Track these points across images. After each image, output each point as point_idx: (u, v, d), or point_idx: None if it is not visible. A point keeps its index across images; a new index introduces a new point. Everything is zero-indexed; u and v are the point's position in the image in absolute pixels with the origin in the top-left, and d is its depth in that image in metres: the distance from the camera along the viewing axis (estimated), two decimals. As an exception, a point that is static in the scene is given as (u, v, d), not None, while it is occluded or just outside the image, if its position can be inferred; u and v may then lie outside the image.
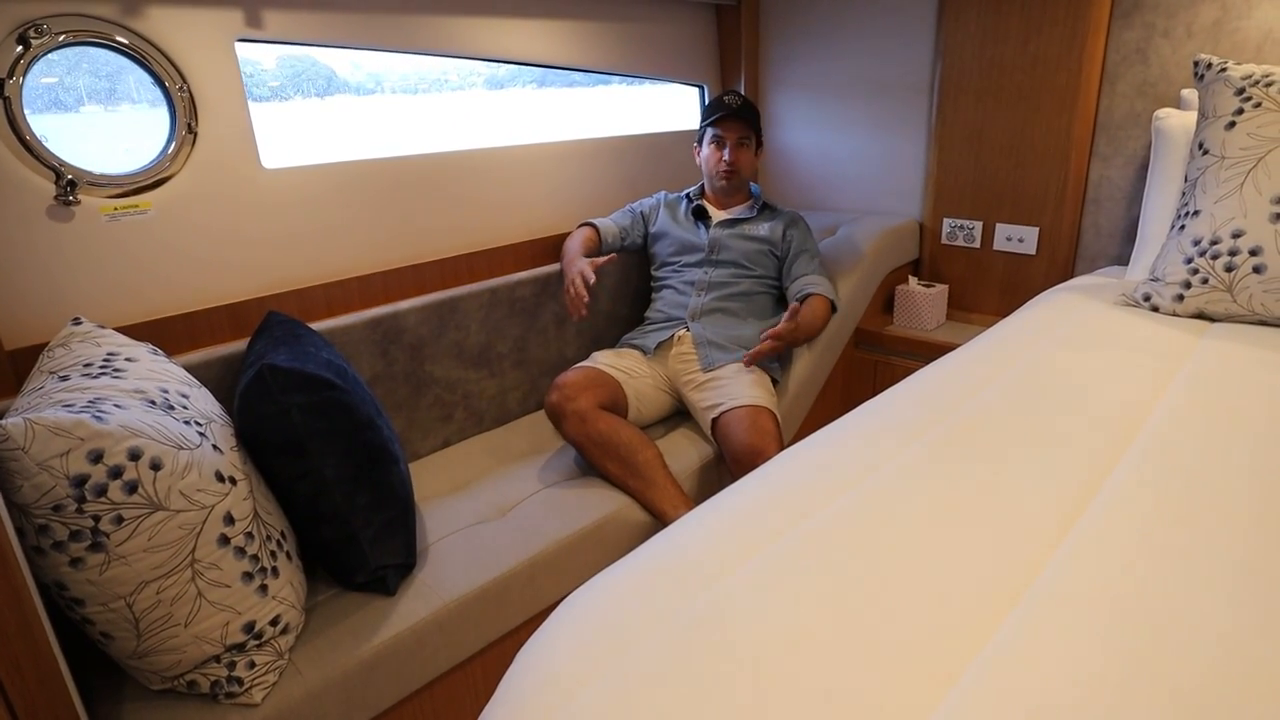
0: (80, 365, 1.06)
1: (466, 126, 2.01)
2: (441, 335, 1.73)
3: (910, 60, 2.26)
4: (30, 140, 1.28)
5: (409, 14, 1.75)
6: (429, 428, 1.76)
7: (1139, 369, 1.26)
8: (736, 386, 1.69)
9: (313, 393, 1.13)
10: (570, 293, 1.72)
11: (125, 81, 1.43)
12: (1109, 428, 1.06)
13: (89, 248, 1.37)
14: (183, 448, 0.96)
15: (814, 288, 1.87)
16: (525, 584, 1.32)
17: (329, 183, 1.66)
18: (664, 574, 0.82)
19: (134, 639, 0.95)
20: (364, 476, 1.19)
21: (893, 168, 2.40)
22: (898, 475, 0.97)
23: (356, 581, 1.23)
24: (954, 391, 1.22)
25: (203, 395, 1.16)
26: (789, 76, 2.54)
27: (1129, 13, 1.89)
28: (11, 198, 1.28)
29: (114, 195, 1.38)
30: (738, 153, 1.93)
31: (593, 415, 1.58)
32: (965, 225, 2.26)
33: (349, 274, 1.71)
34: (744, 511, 0.93)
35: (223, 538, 0.99)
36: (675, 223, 2.02)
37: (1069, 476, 0.94)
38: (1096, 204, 2.06)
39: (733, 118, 1.90)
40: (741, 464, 1.57)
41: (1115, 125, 1.98)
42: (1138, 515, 0.85)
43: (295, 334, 1.34)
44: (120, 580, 0.91)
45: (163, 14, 1.40)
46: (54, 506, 0.85)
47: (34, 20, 1.26)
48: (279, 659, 1.08)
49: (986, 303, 2.30)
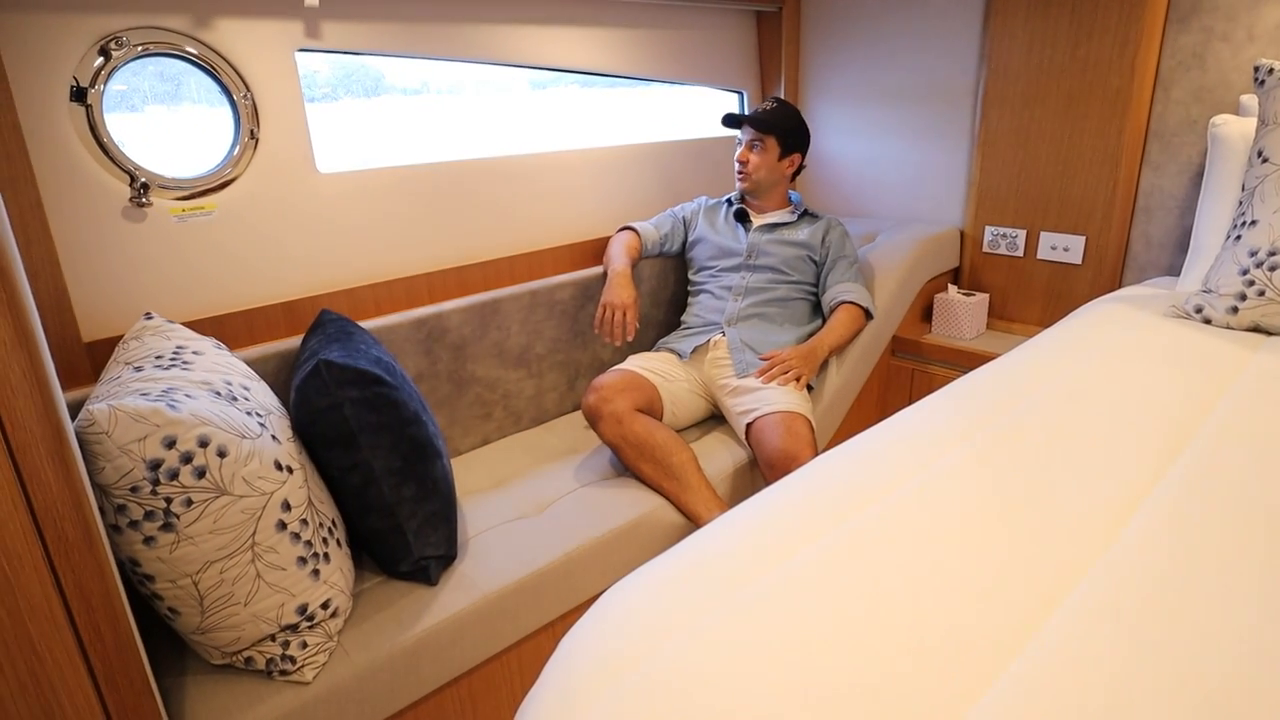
0: (152, 357, 1.13)
1: (511, 126, 2.06)
2: (483, 336, 1.78)
3: (954, 67, 2.25)
4: (109, 145, 1.37)
5: (456, 24, 1.81)
6: (469, 425, 1.81)
7: (1189, 382, 1.24)
8: (771, 392, 1.71)
9: (364, 388, 1.19)
10: (609, 318, 1.78)
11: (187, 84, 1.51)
12: (1156, 440, 1.05)
13: (159, 247, 1.45)
14: (245, 437, 1.02)
15: (848, 295, 1.88)
16: (561, 579, 1.36)
17: (379, 187, 1.73)
18: (706, 568, 0.84)
19: (198, 615, 1.01)
20: (410, 470, 1.24)
21: (934, 175, 2.39)
22: (937, 480, 0.98)
23: (400, 570, 1.28)
24: (996, 399, 1.22)
25: (262, 388, 1.22)
26: (830, 83, 2.54)
27: (1186, 16, 1.85)
28: (90, 199, 1.36)
29: (182, 197, 1.46)
30: (747, 152, 1.96)
31: (628, 417, 1.61)
32: (1008, 233, 2.24)
33: (396, 275, 1.77)
34: (784, 511, 0.95)
35: (280, 523, 1.05)
36: (714, 227, 2.05)
37: (1113, 487, 0.94)
38: (1147, 213, 2.02)
39: (749, 121, 1.94)
40: (775, 469, 1.59)
41: (1169, 132, 1.94)
42: (1181, 529, 0.84)
43: (347, 331, 1.40)
44: (188, 559, 0.97)
45: (230, 26, 1.47)
46: (131, 487, 0.91)
47: (115, 33, 1.34)
48: (329, 641, 1.13)
49: (1029, 313, 2.27)
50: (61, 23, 1.30)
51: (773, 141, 1.95)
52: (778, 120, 1.94)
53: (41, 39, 1.28)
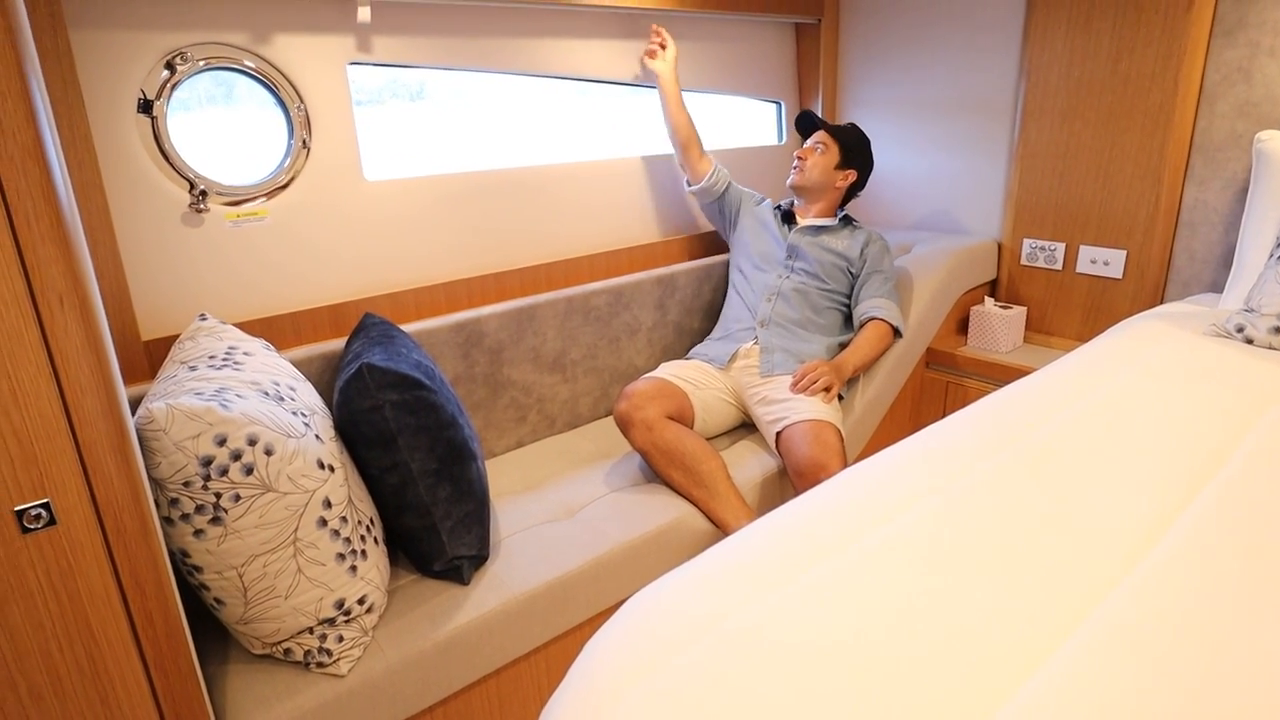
0: (206, 357, 1.19)
1: (551, 129, 2.10)
2: (520, 341, 1.82)
3: (992, 80, 2.24)
4: (171, 154, 1.44)
5: (501, 38, 1.85)
6: (504, 428, 1.85)
7: (1226, 403, 1.22)
8: (801, 401, 1.72)
9: (405, 390, 1.23)
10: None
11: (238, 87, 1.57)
12: (1188, 463, 1.04)
13: (214, 250, 1.52)
14: (291, 436, 1.06)
15: (879, 311, 1.88)
16: (589, 583, 1.38)
17: (422, 194, 1.78)
18: (726, 579, 0.86)
19: (242, 606, 1.06)
20: (446, 471, 1.28)
21: (972, 187, 2.37)
22: (963, 496, 0.98)
23: (434, 569, 1.32)
24: (1028, 415, 1.22)
25: (307, 389, 1.27)
26: (868, 94, 2.54)
27: (1231, 30, 1.82)
28: (153, 205, 1.43)
29: (237, 203, 1.53)
30: (810, 150, 1.99)
31: (659, 424, 1.64)
32: (1047, 246, 2.22)
33: (437, 280, 1.82)
34: (809, 522, 0.96)
35: (321, 520, 1.09)
36: (759, 221, 2.07)
37: (1142, 509, 0.93)
38: (1191, 228, 1.98)
39: (823, 124, 2.00)
40: (804, 477, 1.60)
41: (1214, 147, 1.90)
42: (1209, 554, 0.84)
43: (389, 335, 1.45)
44: (234, 552, 1.02)
45: (287, 41, 1.54)
46: (184, 482, 0.96)
47: (180, 49, 1.41)
48: (364, 635, 1.17)
49: (1067, 326, 2.24)
50: (132, 39, 1.37)
51: (836, 149, 1.98)
52: (848, 134, 2.00)
53: (113, 54, 1.36)
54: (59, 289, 0.75)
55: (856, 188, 2.04)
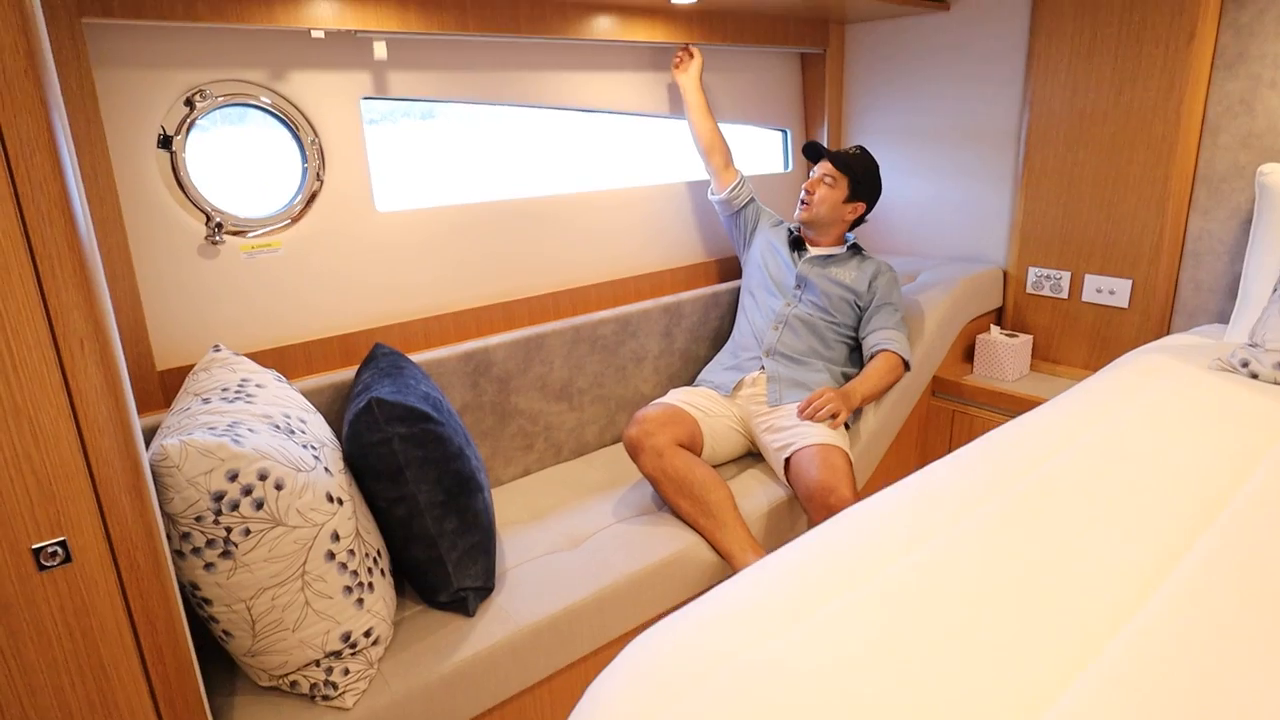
0: (219, 389, 1.21)
1: (560, 158, 2.13)
2: (527, 369, 1.84)
3: (997, 109, 2.26)
4: (189, 188, 1.47)
5: (511, 71, 1.89)
6: (511, 456, 1.86)
7: (1228, 442, 1.22)
8: (809, 426, 1.73)
9: (412, 424, 1.25)
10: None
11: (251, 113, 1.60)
12: (1189, 505, 1.03)
13: (229, 282, 1.55)
14: (301, 470, 1.08)
15: (889, 344, 1.89)
16: (594, 615, 1.39)
17: (433, 225, 1.81)
18: (727, 621, 0.86)
19: (250, 638, 1.07)
20: (453, 503, 1.29)
21: (977, 215, 2.39)
22: (962, 539, 0.98)
23: (440, 600, 1.33)
24: (1029, 454, 1.22)
25: (317, 420, 1.29)
26: (873, 122, 2.57)
27: (1232, 63, 1.84)
28: (170, 237, 1.47)
29: (252, 235, 1.56)
30: (817, 183, 1.98)
31: (669, 452, 1.65)
32: (1052, 275, 2.23)
33: (446, 309, 1.84)
34: (803, 569, 0.96)
35: (329, 553, 1.10)
36: (771, 244, 2.08)
37: (1142, 553, 0.93)
38: (1196, 258, 1.99)
39: (830, 156, 1.98)
40: (814, 501, 1.60)
41: (1217, 178, 1.92)
42: (1210, 599, 0.83)
43: (398, 366, 1.47)
44: (243, 585, 1.03)
45: (302, 77, 1.57)
46: (196, 517, 0.98)
47: (199, 86, 1.45)
48: (369, 668, 1.18)
49: (1074, 355, 2.24)
50: (154, 77, 1.41)
51: (845, 183, 1.97)
52: (857, 165, 1.98)
53: (136, 92, 1.40)
54: (81, 333, 0.77)
55: (863, 217, 2.06)
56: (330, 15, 1.49)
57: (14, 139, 0.72)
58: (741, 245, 2.18)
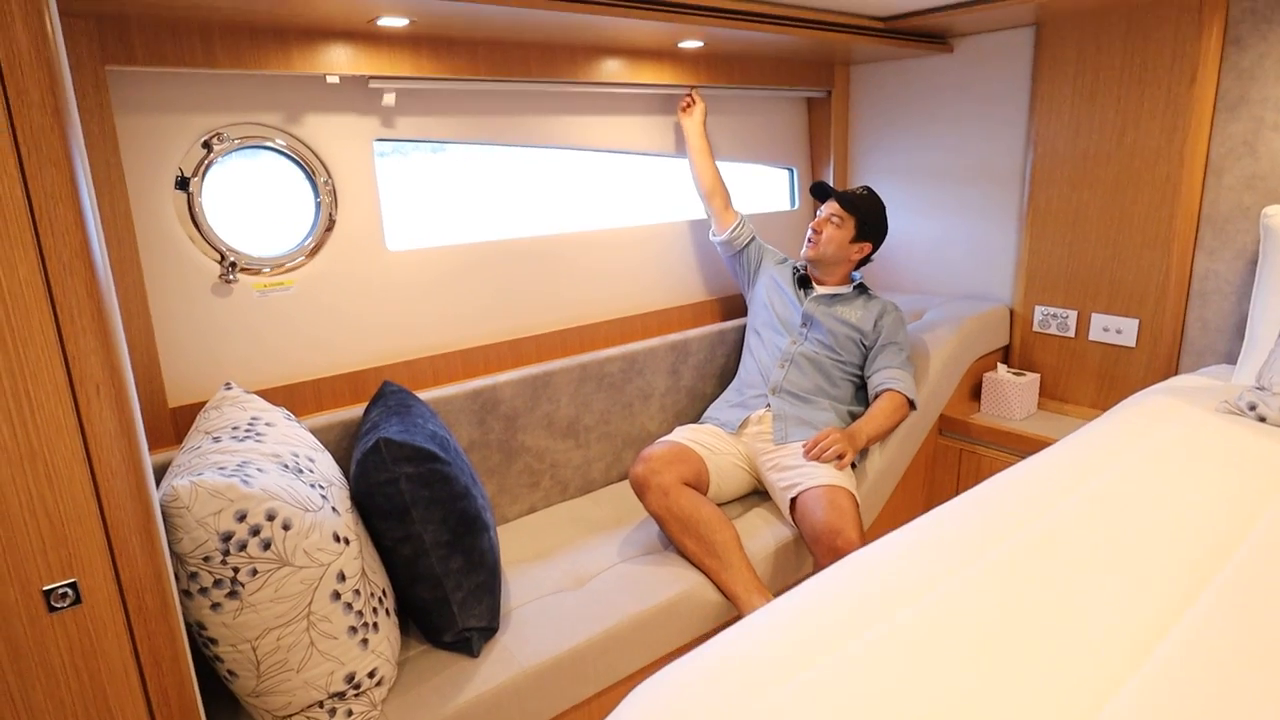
0: (229, 428, 1.22)
1: (567, 196, 2.16)
2: (534, 407, 1.85)
3: (1001, 149, 2.29)
4: (204, 227, 1.50)
5: (519, 115, 1.93)
6: (517, 494, 1.86)
7: (1235, 488, 1.21)
8: (815, 467, 1.72)
9: (419, 464, 1.26)
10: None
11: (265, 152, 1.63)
12: (1194, 553, 1.03)
13: (241, 320, 1.57)
14: (308, 510, 1.09)
15: (894, 383, 1.89)
16: (598, 656, 1.38)
17: (442, 263, 1.84)
18: (729, 673, 0.85)
19: (255, 679, 1.07)
20: (458, 542, 1.30)
21: (983, 254, 2.40)
22: (964, 590, 0.97)
23: (444, 640, 1.32)
24: (1034, 499, 1.21)
25: (326, 459, 1.30)
26: (877, 162, 2.60)
27: (1234, 106, 1.86)
28: (185, 276, 1.50)
29: (265, 273, 1.59)
30: (824, 223, 2.00)
31: (675, 490, 1.64)
32: (1058, 314, 2.23)
33: (454, 347, 1.86)
34: (810, 615, 0.96)
35: (334, 593, 1.11)
36: (776, 283, 2.10)
37: (1146, 604, 0.92)
38: (1203, 298, 1.99)
39: (838, 197, 2.01)
40: (821, 544, 1.59)
41: (1221, 219, 1.93)
42: (1214, 658, 0.82)
43: (406, 404, 1.48)
44: (249, 625, 1.03)
45: (316, 120, 1.62)
46: (204, 557, 0.98)
47: (217, 129, 1.49)
48: (373, 709, 1.17)
49: (1081, 394, 2.24)
50: (173, 121, 1.45)
51: (852, 223, 2.00)
52: (863, 206, 2.00)
53: (155, 136, 1.43)
54: (96, 379, 0.79)
55: (869, 257, 2.07)
56: (345, 61, 1.54)
57: (39, 191, 0.74)
58: (746, 284, 2.20)
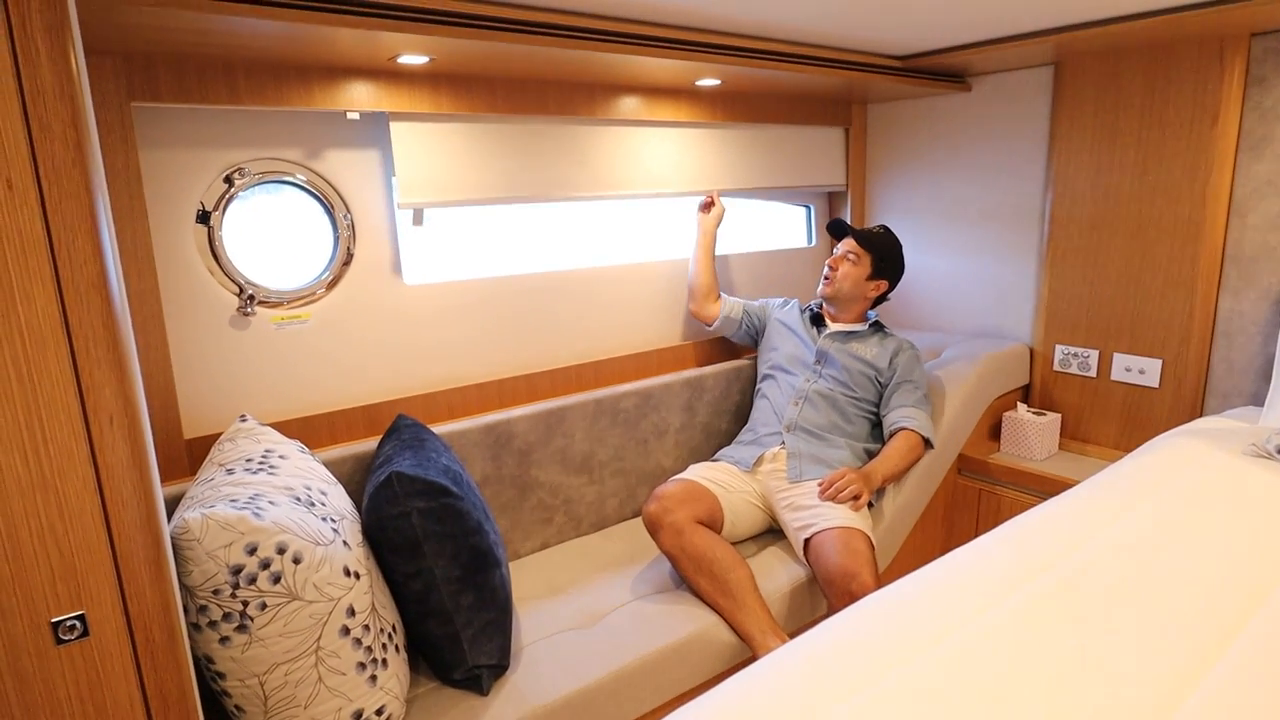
0: (243, 460, 1.23)
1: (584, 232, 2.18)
2: (548, 442, 1.84)
3: (1020, 187, 2.28)
4: (224, 261, 1.53)
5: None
6: (530, 529, 1.85)
7: (1263, 536, 1.17)
8: (830, 508, 1.69)
9: (432, 498, 1.25)
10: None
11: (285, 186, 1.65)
12: (1223, 603, 0.99)
13: (258, 352, 1.58)
14: (319, 544, 1.08)
15: (909, 422, 1.86)
16: (608, 697, 1.34)
17: (460, 298, 1.85)
18: None
19: (262, 714, 1.05)
20: (470, 578, 1.28)
21: (1002, 292, 2.38)
22: (989, 634, 0.95)
23: (454, 678, 1.30)
24: (1056, 545, 1.18)
25: (338, 492, 1.30)
26: (895, 200, 2.60)
27: (1257, 146, 1.85)
28: (204, 308, 1.52)
29: (282, 306, 1.60)
30: (840, 260, 2.00)
31: (689, 529, 1.62)
32: (1080, 353, 2.20)
33: (469, 381, 1.87)
34: (824, 661, 0.93)
35: (344, 629, 1.09)
36: (787, 328, 2.09)
37: (1174, 655, 0.89)
38: (1228, 338, 1.96)
39: (854, 234, 2.01)
40: (834, 586, 1.56)
41: (1246, 258, 1.90)
42: (1246, 711, 0.79)
43: (420, 438, 1.48)
44: (258, 660, 1.02)
45: (337, 156, 1.64)
46: (214, 590, 0.98)
47: (239, 164, 1.52)
48: (379, 749, 1.15)
49: (1104, 434, 2.19)
50: (196, 156, 1.48)
51: (868, 261, 2.00)
52: (879, 243, 2.01)
53: (177, 171, 1.47)
54: (110, 410, 0.79)
55: (885, 295, 2.07)
56: (366, 98, 1.57)
57: (58, 223, 0.76)
58: (757, 343, 2.20)
